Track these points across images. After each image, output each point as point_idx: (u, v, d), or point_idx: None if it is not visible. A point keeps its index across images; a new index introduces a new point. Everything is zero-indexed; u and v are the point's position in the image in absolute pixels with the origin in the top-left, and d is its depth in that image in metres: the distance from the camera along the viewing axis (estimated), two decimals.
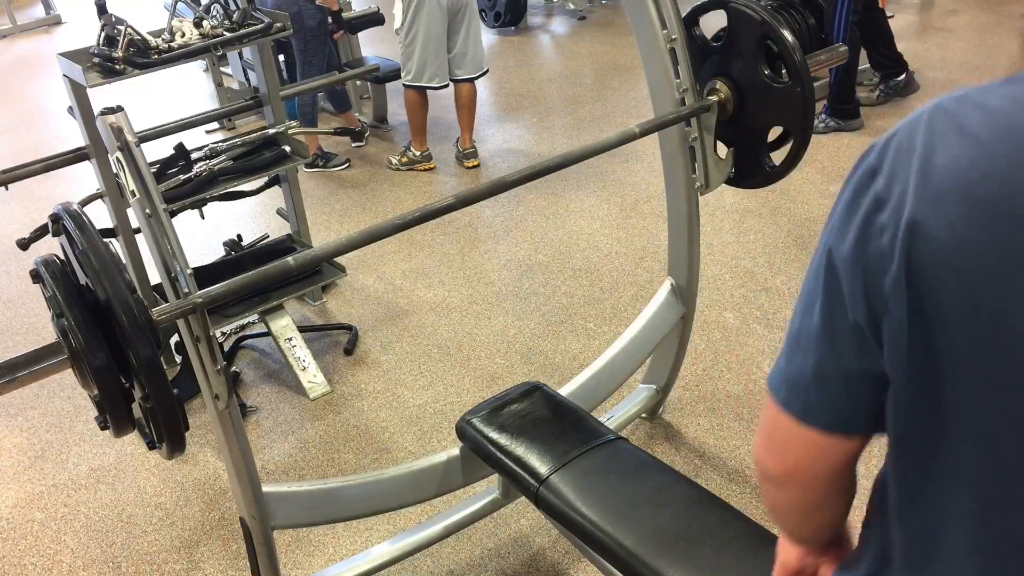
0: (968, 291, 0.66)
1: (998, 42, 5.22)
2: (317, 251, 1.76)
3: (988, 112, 0.68)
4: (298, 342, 2.99)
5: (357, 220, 4.10)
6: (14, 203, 4.50)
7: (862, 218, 0.72)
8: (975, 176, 0.66)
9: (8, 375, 1.57)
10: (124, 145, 1.54)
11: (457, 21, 4.28)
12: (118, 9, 2.72)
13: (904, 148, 0.71)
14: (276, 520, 1.83)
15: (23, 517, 2.56)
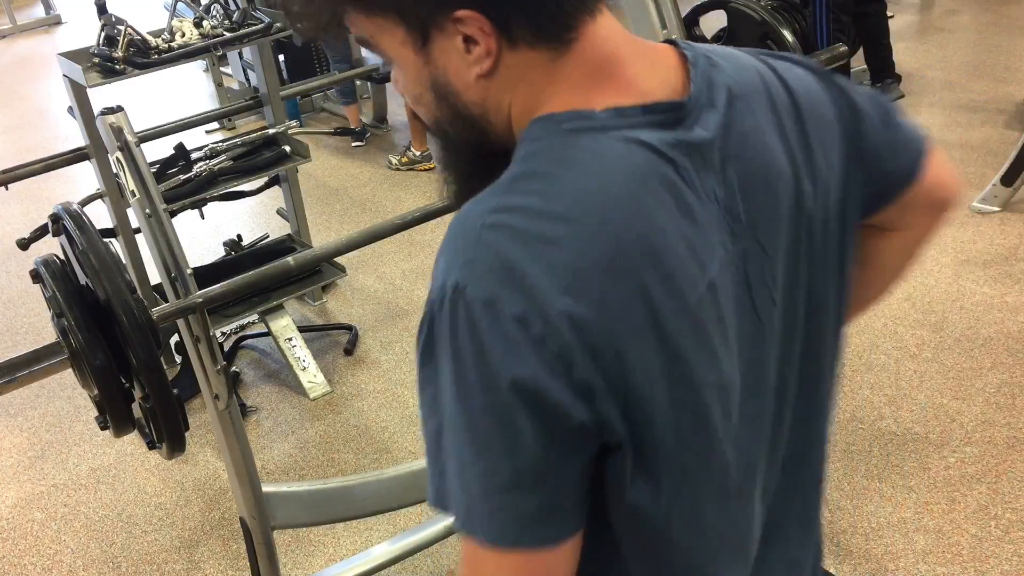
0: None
1: (998, 42, 5.22)
2: (317, 251, 1.76)
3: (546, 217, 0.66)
4: (298, 342, 2.99)
5: (357, 220, 4.09)
6: (14, 203, 4.50)
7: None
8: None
9: (8, 375, 1.57)
10: (124, 145, 1.54)
11: None
12: (118, 9, 2.73)
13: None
14: (276, 520, 1.83)
15: (23, 517, 2.56)
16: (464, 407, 0.67)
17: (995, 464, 2.28)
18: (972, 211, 3.46)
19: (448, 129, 0.78)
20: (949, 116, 4.32)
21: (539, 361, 0.64)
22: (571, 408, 0.65)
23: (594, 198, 0.66)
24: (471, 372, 0.67)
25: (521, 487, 0.67)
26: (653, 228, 0.67)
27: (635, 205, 0.66)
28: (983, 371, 2.61)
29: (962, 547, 2.06)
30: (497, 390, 0.65)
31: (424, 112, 0.79)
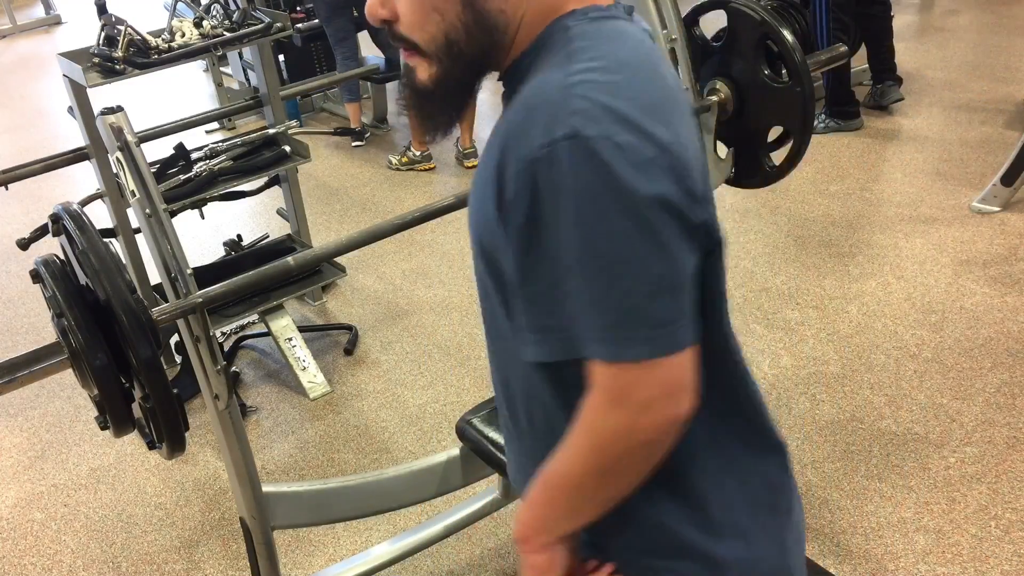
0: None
1: (998, 42, 5.22)
2: (317, 251, 1.76)
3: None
4: (298, 342, 2.99)
5: (357, 220, 4.09)
6: (14, 203, 4.50)
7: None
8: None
9: (8, 375, 1.57)
10: (124, 145, 1.54)
11: None
12: (118, 9, 2.73)
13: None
14: (276, 520, 1.83)
15: (23, 517, 2.56)
16: (598, 239, 0.77)
17: (995, 464, 2.28)
18: (972, 211, 3.46)
19: (460, 40, 0.86)
20: (949, 116, 4.32)
21: (664, 176, 0.78)
22: (693, 212, 0.80)
23: (637, 58, 0.84)
24: (606, 202, 0.76)
25: (664, 295, 0.79)
26: (670, 80, 0.88)
27: (658, 64, 0.87)
28: (983, 371, 2.61)
29: (962, 547, 2.06)
30: (637, 210, 0.76)
31: (433, 26, 0.86)
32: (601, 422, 0.85)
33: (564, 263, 0.78)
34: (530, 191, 0.78)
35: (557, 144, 0.75)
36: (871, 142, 4.16)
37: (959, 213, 3.45)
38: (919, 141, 4.12)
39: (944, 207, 3.51)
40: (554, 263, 0.79)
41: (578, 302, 0.79)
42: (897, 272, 3.14)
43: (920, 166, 3.89)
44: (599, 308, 0.79)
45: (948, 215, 3.45)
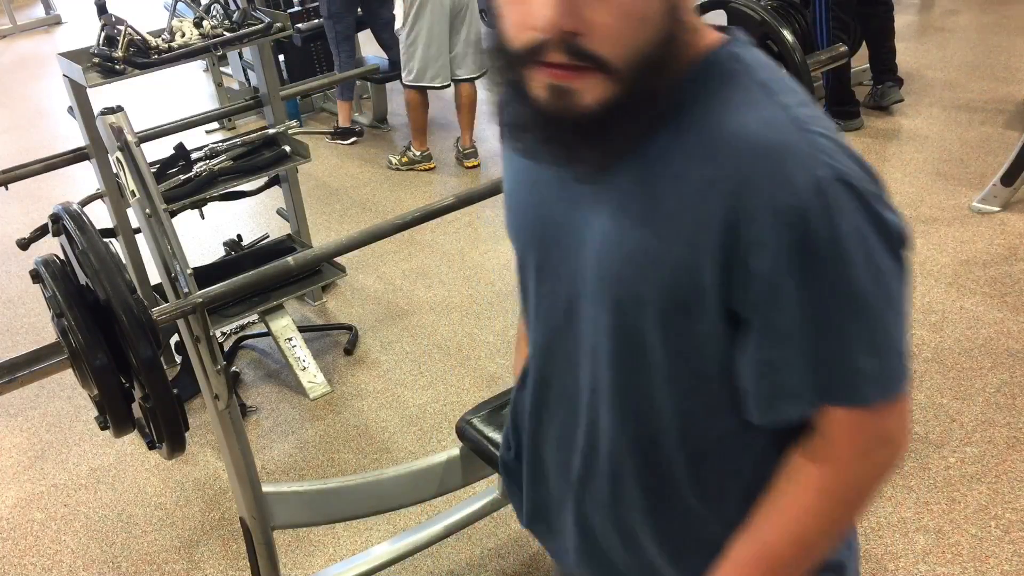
0: None
1: (998, 42, 5.22)
2: (317, 251, 1.76)
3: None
4: (298, 342, 2.99)
5: (357, 220, 4.09)
6: (14, 203, 4.50)
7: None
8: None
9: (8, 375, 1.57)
10: (124, 145, 1.54)
11: (458, 21, 4.28)
12: (118, 9, 2.73)
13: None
14: (276, 520, 1.83)
15: (23, 517, 2.56)
16: (876, 280, 0.77)
17: (995, 464, 2.28)
18: (972, 211, 3.46)
19: (654, 54, 0.75)
20: (949, 116, 4.32)
21: (899, 219, 0.78)
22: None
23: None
24: (875, 243, 0.76)
25: (904, 335, 0.81)
26: None
27: None
28: (983, 371, 2.61)
29: (962, 547, 2.06)
30: (896, 247, 0.78)
31: (636, 37, 0.74)
32: (849, 478, 0.84)
33: (840, 308, 0.77)
34: (800, 238, 0.75)
35: (826, 189, 0.74)
36: (871, 142, 4.16)
37: (959, 213, 3.45)
38: (919, 141, 4.12)
39: (944, 207, 3.51)
40: (830, 309, 0.77)
41: (855, 345, 0.78)
42: None
43: (920, 166, 3.89)
44: (877, 349, 0.79)
45: (948, 215, 3.45)
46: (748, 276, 0.78)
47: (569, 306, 0.92)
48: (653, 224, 0.81)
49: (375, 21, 4.77)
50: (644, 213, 0.81)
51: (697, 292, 0.80)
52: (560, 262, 0.92)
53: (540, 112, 0.78)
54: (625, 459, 0.93)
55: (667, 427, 0.90)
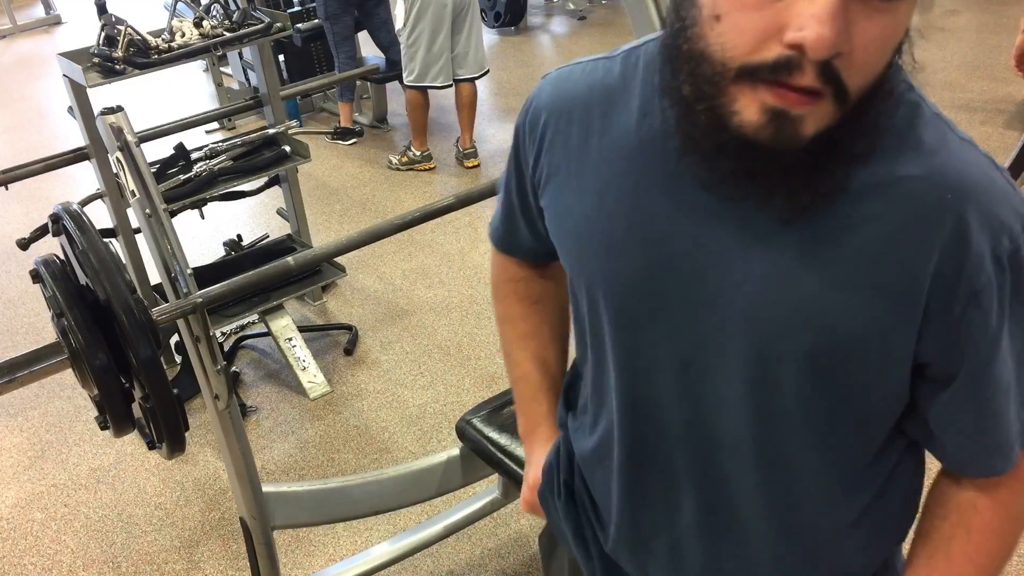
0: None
1: (998, 42, 5.22)
2: (317, 251, 1.76)
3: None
4: (298, 342, 2.99)
5: (357, 220, 4.10)
6: (14, 203, 4.50)
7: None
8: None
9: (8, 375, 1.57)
10: (124, 145, 1.54)
11: (460, 21, 4.28)
12: (118, 9, 2.73)
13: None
14: (276, 520, 1.83)
15: (23, 517, 2.56)
16: None
17: None
18: None
19: (879, 82, 0.68)
20: (949, 116, 4.31)
21: None
22: None
23: None
24: None
25: None
26: None
27: None
28: None
29: None
30: None
31: (882, 62, 0.67)
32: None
33: None
34: (1017, 282, 0.73)
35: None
36: None
37: None
38: None
39: None
40: None
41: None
42: None
43: None
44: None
45: None
46: (952, 325, 0.73)
47: (684, 359, 0.82)
48: (832, 270, 0.73)
49: (371, 21, 4.77)
50: (823, 258, 0.73)
51: (876, 343, 0.75)
52: (690, 315, 0.79)
53: (744, 138, 0.67)
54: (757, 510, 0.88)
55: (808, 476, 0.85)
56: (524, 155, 0.93)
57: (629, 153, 0.80)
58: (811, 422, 0.80)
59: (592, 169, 0.83)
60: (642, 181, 0.79)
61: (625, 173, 0.81)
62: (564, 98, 0.87)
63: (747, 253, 0.75)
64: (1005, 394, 0.76)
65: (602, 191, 0.82)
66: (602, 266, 0.84)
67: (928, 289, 0.72)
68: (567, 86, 0.87)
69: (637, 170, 0.80)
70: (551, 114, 0.87)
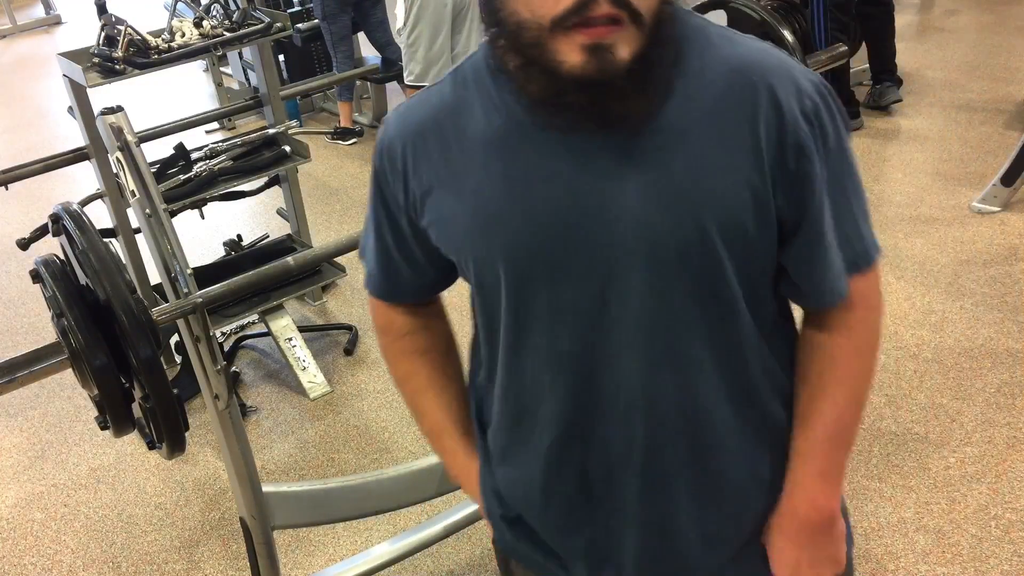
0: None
1: (998, 42, 5.22)
2: (317, 251, 1.76)
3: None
4: (298, 342, 2.99)
5: (357, 220, 4.09)
6: (14, 203, 4.50)
7: None
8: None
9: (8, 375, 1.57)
10: (124, 145, 1.54)
11: (460, 20, 4.28)
12: (118, 9, 2.73)
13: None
14: (276, 520, 1.83)
15: (23, 517, 2.56)
16: (853, 156, 0.93)
17: (995, 464, 2.28)
18: (972, 211, 3.46)
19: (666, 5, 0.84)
20: (949, 116, 4.32)
21: None
22: None
23: None
24: (846, 130, 0.91)
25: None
26: None
27: None
28: (983, 371, 2.61)
29: (962, 547, 2.06)
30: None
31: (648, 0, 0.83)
32: (872, 330, 0.98)
33: (850, 188, 0.92)
34: (820, 133, 0.87)
35: (822, 91, 0.88)
36: (871, 142, 4.16)
37: (959, 213, 3.45)
38: (919, 141, 4.12)
39: (944, 207, 3.51)
40: (846, 190, 0.91)
41: (860, 218, 0.93)
42: (897, 272, 3.14)
43: (920, 166, 3.89)
44: (867, 217, 0.94)
45: (948, 215, 3.45)
46: (792, 179, 0.87)
47: (603, 294, 0.89)
48: (698, 160, 0.85)
49: (367, 21, 4.77)
50: (685, 155, 0.85)
51: (753, 210, 0.87)
52: (589, 250, 0.88)
53: (577, 78, 0.80)
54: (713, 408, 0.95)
55: (750, 356, 0.95)
56: (390, 192, 0.99)
57: (488, 143, 0.90)
58: (740, 301, 0.92)
59: (461, 170, 0.91)
60: (509, 158, 0.89)
61: (493, 159, 0.89)
62: (412, 125, 0.95)
63: (621, 176, 0.85)
64: (829, 230, 0.91)
65: (479, 184, 0.90)
66: (503, 242, 0.91)
67: (766, 155, 0.86)
68: (411, 115, 0.96)
69: (502, 152, 0.89)
70: (405, 141, 0.95)
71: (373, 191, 1.02)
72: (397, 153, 0.95)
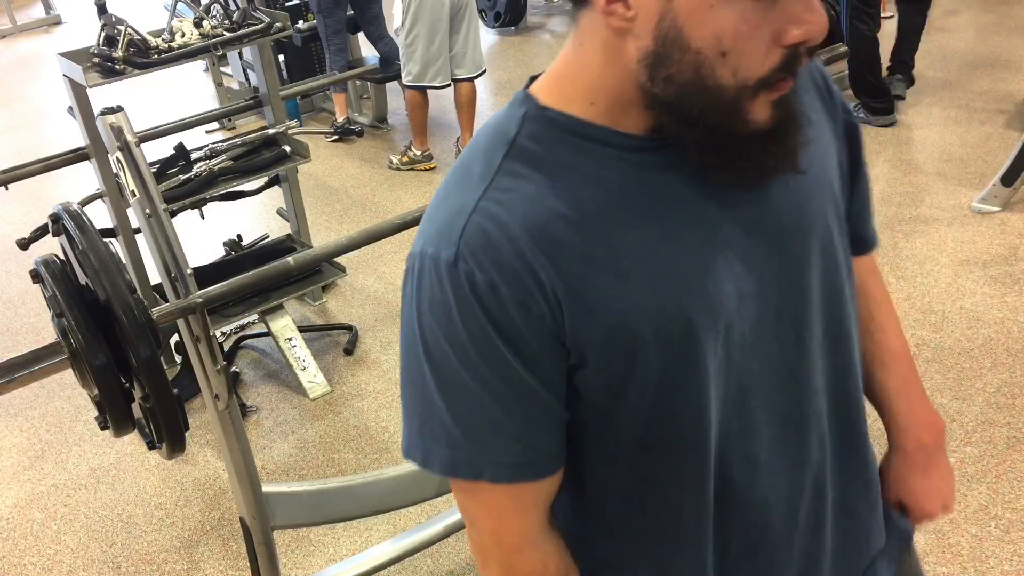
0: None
1: (998, 42, 5.22)
2: (317, 251, 1.76)
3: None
4: (298, 342, 2.99)
5: (357, 220, 4.10)
6: (14, 203, 4.50)
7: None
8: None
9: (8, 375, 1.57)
10: (124, 145, 1.54)
11: (457, 20, 4.28)
12: (118, 9, 2.73)
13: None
14: (276, 520, 1.83)
15: (23, 517, 2.56)
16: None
17: (995, 464, 2.28)
18: (972, 211, 3.46)
19: None
20: (949, 116, 4.32)
21: None
22: None
23: None
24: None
25: None
26: None
27: None
28: (983, 371, 2.61)
29: (962, 547, 2.06)
30: None
31: None
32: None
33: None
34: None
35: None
36: (871, 141, 4.16)
37: (959, 213, 3.45)
38: (919, 141, 4.12)
39: (944, 207, 3.51)
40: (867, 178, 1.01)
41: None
42: (897, 272, 3.14)
43: (920, 166, 3.89)
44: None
45: (948, 215, 3.45)
46: (844, 137, 0.94)
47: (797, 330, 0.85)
48: (818, 152, 0.89)
49: (363, 15, 4.78)
50: (813, 153, 0.88)
51: (840, 178, 0.92)
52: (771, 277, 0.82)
53: (758, 133, 0.74)
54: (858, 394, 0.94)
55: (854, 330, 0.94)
56: (512, 322, 0.74)
57: (617, 207, 0.76)
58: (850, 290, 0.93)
59: (606, 252, 0.75)
60: (659, 223, 0.77)
61: (639, 227, 0.76)
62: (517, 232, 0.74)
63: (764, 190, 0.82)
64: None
65: (632, 262, 0.76)
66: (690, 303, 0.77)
67: (834, 120, 0.92)
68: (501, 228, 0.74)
69: (649, 216, 0.77)
70: (521, 253, 0.74)
71: (475, 349, 0.75)
72: (518, 272, 0.73)
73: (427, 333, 0.76)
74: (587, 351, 0.76)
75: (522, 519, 0.82)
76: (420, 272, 0.76)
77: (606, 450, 0.82)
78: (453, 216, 0.75)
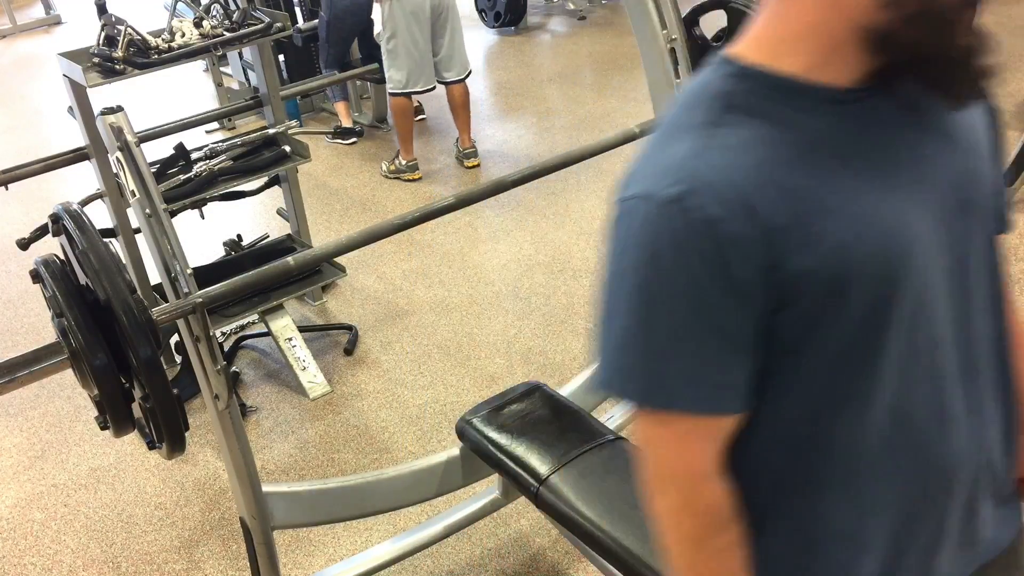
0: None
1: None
2: (317, 251, 1.76)
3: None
4: (298, 342, 3.00)
5: (357, 220, 4.10)
6: (14, 203, 4.50)
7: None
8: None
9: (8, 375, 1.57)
10: (124, 145, 1.54)
11: (440, 25, 4.24)
12: (118, 9, 2.73)
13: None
14: (276, 520, 1.83)
15: (23, 517, 2.56)
16: None
17: None
18: None
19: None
20: None
21: None
22: None
23: None
24: None
25: None
26: None
27: None
28: None
29: None
30: None
31: None
32: None
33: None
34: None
35: None
36: None
37: None
38: None
39: None
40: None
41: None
42: None
43: None
44: None
45: None
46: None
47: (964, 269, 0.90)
48: (978, 146, 0.94)
49: (372, 28, 4.79)
50: (978, 138, 0.95)
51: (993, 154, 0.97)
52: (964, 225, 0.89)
53: (974, 50, 0.91)
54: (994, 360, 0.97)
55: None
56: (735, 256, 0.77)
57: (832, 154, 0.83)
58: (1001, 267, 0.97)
59: (818, 191, 0.81)
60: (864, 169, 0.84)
61: (846, 171, 0.83)
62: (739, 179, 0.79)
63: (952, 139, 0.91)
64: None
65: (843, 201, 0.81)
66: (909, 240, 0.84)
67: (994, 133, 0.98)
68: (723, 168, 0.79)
69: (853, 162, 0.83)
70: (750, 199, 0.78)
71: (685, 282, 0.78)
72: (737, 210, 0.77)
73: (640, 265, 0.80)
74: (794, 289, 0.80)
75: (709, 450, 0.86)
76: (636, 211, 0.81)
77: (792, 398, 0.86)
78: (676, 159, 0.81)
